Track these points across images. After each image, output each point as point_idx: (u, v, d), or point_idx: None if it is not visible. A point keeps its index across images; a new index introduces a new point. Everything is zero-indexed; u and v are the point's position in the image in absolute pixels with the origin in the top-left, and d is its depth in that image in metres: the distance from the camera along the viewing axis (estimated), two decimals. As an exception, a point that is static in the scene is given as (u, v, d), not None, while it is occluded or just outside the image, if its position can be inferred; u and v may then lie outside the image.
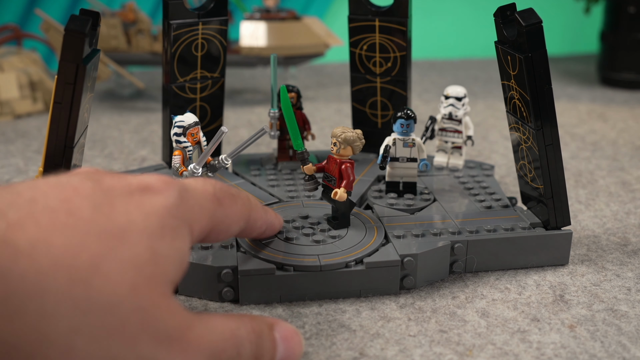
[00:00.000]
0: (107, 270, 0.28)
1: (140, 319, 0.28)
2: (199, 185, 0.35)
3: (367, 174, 0.61)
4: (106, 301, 0.27)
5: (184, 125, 0.50)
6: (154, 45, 1.00)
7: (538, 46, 0.46)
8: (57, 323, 0.26)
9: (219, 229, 0.36)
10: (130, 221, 0.30)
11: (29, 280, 0.26)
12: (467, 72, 1.28)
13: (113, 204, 0.30)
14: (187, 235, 0.33)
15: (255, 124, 0.91)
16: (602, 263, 0.51)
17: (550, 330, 0.42)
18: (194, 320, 0.31)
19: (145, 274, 0.29)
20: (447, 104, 0.60)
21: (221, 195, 0.36)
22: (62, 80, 0.43)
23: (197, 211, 0.34)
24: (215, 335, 0.31)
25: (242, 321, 0.33)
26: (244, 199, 0.39)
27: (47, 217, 0.28)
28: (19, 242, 0.26)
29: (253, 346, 0.33)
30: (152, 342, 0.29)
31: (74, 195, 0.29)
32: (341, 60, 1.21)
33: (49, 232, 0.27)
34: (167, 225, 0.31)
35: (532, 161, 0.50)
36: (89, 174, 0.31)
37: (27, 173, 0.71)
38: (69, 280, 0.27)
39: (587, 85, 1.17)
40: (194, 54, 0.59)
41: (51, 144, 0.45)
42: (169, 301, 0.30)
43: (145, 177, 0.33)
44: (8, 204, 0.28)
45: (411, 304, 0.45)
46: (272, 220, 0.44)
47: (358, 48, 0.63)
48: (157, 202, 0.31)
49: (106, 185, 0.31)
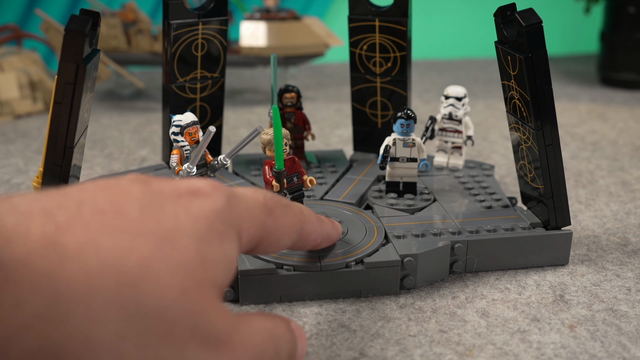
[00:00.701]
0: (157, 273, 0.27)
1: (190, 323, 0.28)
2: (249, 193, 0.35)
3: (367, 174, 0.61)
4: (155, 305, 0.27)
5: (182, 125, 0.50)
6: (154, 45, 1.00)
7: (538, 46, 0.46)
8: (105, 327, 0.26)
9: (269, 240, 0.35)
10: (179, 224, 0.29)
11: (77, 284, 0.25)
12: (467, 72, 1.28)
13: (162, 206, 0.29)
14: (234, 240, 0.32)
15: (255, 123, 0.91)
16: (602, 263, 0.51)
17: (550, 330, 0.42)
18: (239, 322, 0.31)
19: (195, 278, 0.29)
20: (447, 104, 0.60)
21: (272, 204, 0.35)
22: (62, 80, 0.43)
23: (245, 218, 0.33)
24: (258, 336, 0.31)
25: (276, 321, 0.33)
26: (296, 211, 0.38)
27: (95, 219, 0.27)
28: (67, 245, 0.26)
29: (289, 345, 0.33)
30: (201, 346, 0.28)
31: (123, 197, 0.29)
32: (341, 60, 1.21)
33: (97, 234, 0.27)
34: (215, 229, 0.30)
35: (532, 161, 0.50)
36: (137, 178, 0.31)
37: (27, 173, 0.71)
38: (117, 284, 0.26)
39: (587, 85, 1.17)
40: (194, 54, 0.59)
41: (51, 144, 0.45)
42: (217, 304, 0.30)
43: (194, 181, 0.32)
44: (57, 206, 0.27)
45: (411, 304, 0.45)
46: (328, 231, 0.43)
47: (358, 48, 0.63)
48: (206, 206, 0.31)
49: (155, 188, 0.30)
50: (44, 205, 0.27)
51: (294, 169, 0.49)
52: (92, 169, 0.72)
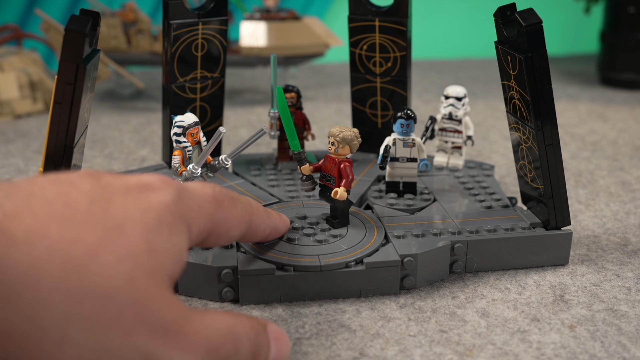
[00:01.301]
0: (103, 260, 0.28)
1: (136, 310, 0.28)
2: (198, 187, 0.36)
3: (367, 174, 0.61)
4: (101, 291, 0.27)
5: (184, 125, 0.50)
6: (154, 45, 1.00)
7: (538, 46, 0.46)
8: (51, 312, 0.26)
9: (218, 232, 0.36)
10: (127, 215, 0.30)
11: (23, 269, 0.26)
12: (467, 72, 1.28)
13: (110, 199, 0.30)
14: (184, 232, 0.33)
15: (255, 124, 0.91)
16: (602, 263, 0.51)
17: (550, 330, 0.42)
18: (192, 314, 0.31)
19: (142, 266, 0.29)
20: (447, 104, 0.60)
21: (221, 197, 0.36)
22: (62, 80, 0.43)
23: (195, 211, 0.34)
24: (213, 330, 0.31)
25: (239, 318, 0.33)
26: (244, 203, 0.39)
27: (43, 209, 0.28)
28: (15, 232, 0.27)
29: (251, 343, 0.33)
30: (147, 334, 0.29)
31: (72, 190, 0.30)
32: (341, 60, 1.21)
33: (45, 222, 0.27)
34: (164, 221, 0.31)
35: (532, 161, 0.50)
36: (88, 172, 0.32)
37: (27, 173, 0.71)
38: (63, 270, 0.27)
39: (587, 85, 1.17)
40: (194, 54, 0.59)
41: (51, 144, 0.45)
42: (166, 294, 0.30)
43: (144, 176, 0.33)
44: (6, 196, 0.28)
45: (411, 304, 0.45)
46: (276, 223, 0.44)
47: (358, 48, 0.63)
48: (155, 199, 0.31)
49: (104, 182, 0.31)
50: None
51: (333, 171, 0.48)
52: (92, 168, 0.72)
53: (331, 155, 0.48)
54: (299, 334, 0.41)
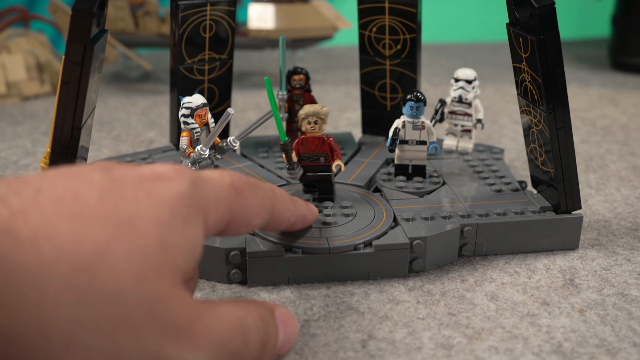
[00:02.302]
0: (113, 259, 0.27)
1: (147, 309, 0.27)
2: (216, 175, 0.34)
3: (375, 156, 0.60)
4: (111, 291, 0.26)
5: (192, 107, 0.50)
6: (162, 27, 1.00)
7: (550, 28, 0.45)
8: (59, 314, 0.25)
9: (238, 221, 0.35)
10: (139, 209, 0.29)
11: (30, 270, 0.25)
12: (477, 56, 1.27)
13: (122, 192, 0.29)
14: (200, 225, 0.31)
15: (263, 106, 0.91)
16: (613, 247, 0.51)
17: (560, 314, 0.42)
18: (202, 310, 0.30)
19: (153, 263, 0.28)
20: (457, 86, 0.59)
21: (239, 185, 0.35)
22: (70, 60, 0.43)
23: (212, 201, 0.33)
24: (223, 324, 0.31)
25: (248, 308, 0.33)
26: (266, 190, 0.37)
27: (51, 205, 0.27)
28: (21, 231, 0.26)
29: (260, 333, 0.33)
30: (158, 334, 0.28)
31: (82, 184, 0.29)
32: (350, 43, 1.21)
33: (52, 220, 0.26)
34: (178, 214, 0.30)
35: (543, 144, 0.49)
36: (100, 164, 0.31)
37: (35, 155, 0.71)
38: (71, 270, 0.26)
39: (598, 69, 1.16)
40: (202, 35, 0.58)
41: (59, 125, 0.45)
42: (177, 291, 0.29)
43: (158, 166, 0.32)
44: (13, 192, 0.27)
45: (420, 287, 0.45)
46: (303, 212, 0.43)
47: (367, 30, 0.62)
48: (169, 191, 0.30)
49: (116, 175, 0.30)
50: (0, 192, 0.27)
51: (322, 149, 0.49)
52: (99, 150, 0.72)
53: (314, 135, 0.49)
54: (307, 316, 0.41)
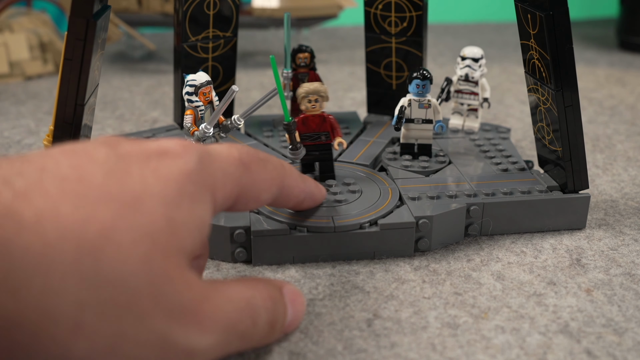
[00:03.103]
0: (118, 240, 0.26)
1: (153, 292, 0.27)
2: (223, 150, 0.33)
3: (381, 135, 0.60)
4: (117, 274, 0.26)
5: (196, 84, 0.49)
6: (165, 6, 0.99)
7: (559, 4, 0.45)
8: (64, 298, 0.25)
9: (247, 196, 0.34)
10: (145, 187, 0.28)
11: (34, 254, 0.25)
12: (483, 36, 1.25)
13: (128, 169, 0.28)
14: (208, 202, 0.31)
15: (267, 86, 0.90)
16: (620, 227, 0.50)
17: (566, 294, 0.41)
18: (210, 291, 0.30)
19: (160, 245, 0.27)
20: (463, 65, 0.59)
21: (248, 159, 0.34)
22: (72, 36, 0.42)
23: (220, 177, 0.32)
24: (231, 306, 0.30)
25: (257, 288, 0.32)
26: (275, 164, 0.36)
27: (56, 186, 0.26)
28: (25, 213, 0.25)
29: (269, 314, 0.32)
30: (164, 317, 0.27)
31: (87, 162, 0.28)
32: (354, 23, 1.20)
33: (57, 201, 0.26)
34: (185, 191, 0.29)
35: (551, 123, 0.49)
36: (105, 140, 0.30)
37: (38, 134, 0.70)
38: (76, 253, 0.25)
39: (606, 49, 1.15)
40: (206, 12, 0.58)
41: (62, 102, 0.44)
42: (184, 273, 0.29)
43: (164, 142, 0.31)
44: (17, 173, 0.26)
45: (426, 266, 0.44)
46: (312, 189, 0.42)
47: (373, 7, 0.61)
48: (176, 167, 0.29)
49: (122, 151, 0.29)
50: (3, 173, 0.26)
51: (323, 127, 0.49)
52: (103, 130, 0.72)
53: (314, 113, 0.48)
54: (312, 295, 0.41)
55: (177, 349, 0.28)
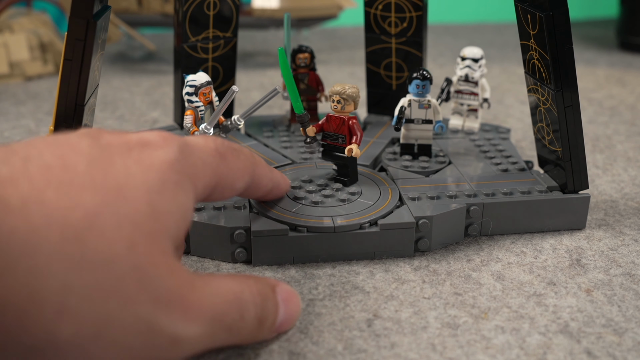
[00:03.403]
0: (103, 226, 0.27)
1: (138, 277, 0.27)
2: (200, 141, 0.35)
3: (381, 136, 0.60)
4: (101, 258, 0.27)
5: (196, 85, 0.49)
6: (165, 6, 0.99)
7: (559, 4, 0.45)
8: (49, 281, 0.25)
9: (223, 185, 0.36)
10: (129, 176, 0.29)
11: (20, 238, 0.25)
12: (483, 36, 1.25)
13: (111, 159, 0.29)
14: (190, 190, 0.32)
15: (268, 86, 0.90)
16: (620, 228, 0.50)
17: (566, 294, 0.41)
18: (196, 280, 0.30)
19: (144, 230, 0.28)
20: (463, 65, 0.59)
21: (223, 149, 0.36)
22: (73, 36, 0.42)
23: (199, 166, 0.33)
24: (218, 297, 0.31)
25: (246, 283, 0.33)
26: (247, 154, 0.38)
27: (40, 173, 0.27)
28: (10, 199, 0.26)
29: (258, 309, 0.33)
30: (150, 302, 0.28)
31: (70, 152, 0.29)
32: (354, 23, 1.20)
33: (42, 188, 0.26)
34: (168, 179, 0.30)
35: (551, 123, 0.49)
36: (88, 132, 0.31)
37: (39, 134, 0.70)
38: (61, 237, 0.26)
39: (606, 49, 1.15)
40: (206, 13, 0.58)
41: (62, 102, 0.44)
42: (168, 259, 0.29)
43: (145, 134, 0.32)
44: (1, 161, 0.27)
45: (425, 266, 0.44)
46: (278, 179, 0.44)
47: (373, 8, 0.61)
48: (157, 157, 0.30)
49: (104, 142, 0.30)
50: None
51: (341, 129, 0.48)
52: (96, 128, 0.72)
53: (336, 114, 0.48)
54: (312, 295, 0.41)
55: (162, 336, 0.28)
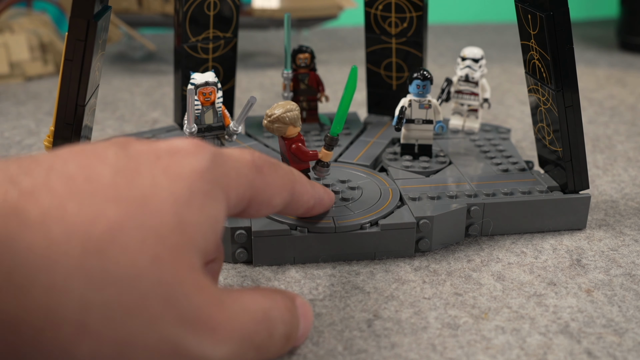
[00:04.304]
0: (126, 239, 0.25)
1: (163, 294, 0.26)
2: (236, 151, 0.32)
3: (381, 136, 0.60)
4: (124, 274, 0.25)
5: (195, 84, 0.49)
6: (165, 6, 0.99)
7: (560, 4, 0.45)
8: (68, 298, 0.24)
9: (260, 200, 0.33)
10: (155, 186, 0.27)
11: (38, 252, 0.24)
12: (483, 37, 1.25)
13: (137, 169, 0.27)
14: (221, 200, 0.30)
15: (268, 87, 0.90)
16: (620, 228, 0.50)
17: (567, 294, 0.41)
18: (224, 298, 0.28)
19: (170, 244, 0.26)
20: (463, 65, 0.59)
21: (260, 162, 0.33)
22: (73, 36, 0.42)
23: (233, 177, 0.31)
24: (247, 315, 0.29)
25: (274, 299, 0.31)
26: (286, 170, 0.36)
27: (63, 185, 0.26)
28: (30, 212, 0.24)
29: (286, 327, 0.31)
30: (175, 321, 0.26)
31: (96, 162, 0.27)
32: (354, 23, 1.20)
33: (63, 200, 0.25)
34: (197, 189, 0.28)
35: (551, 123, 0.49)
36: (117, 141, 0.29)
37: (39, 135, 0.70)
38: (82, 252, 0.24)
39: (606, 50, 1.15)
40: (206, 13, 0.58)
41: (62, 102, 0.44)
42: (195, 275, 0.27)
43: (176, 141, 0.30)
44: (24, 172, 0.26)
45: (426, 266, 0.44)
46: (321, 195, 0.41)
47: (373, 8, 0.61)
48: (187, 165, 0.29)
49: (132, 151, 0.28)
50: (11, 172, 0.26)
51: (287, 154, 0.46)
52: (103, 130, 0.72)
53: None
54: (313, 296, 0.41)
55: (188, 357, 0.27)
